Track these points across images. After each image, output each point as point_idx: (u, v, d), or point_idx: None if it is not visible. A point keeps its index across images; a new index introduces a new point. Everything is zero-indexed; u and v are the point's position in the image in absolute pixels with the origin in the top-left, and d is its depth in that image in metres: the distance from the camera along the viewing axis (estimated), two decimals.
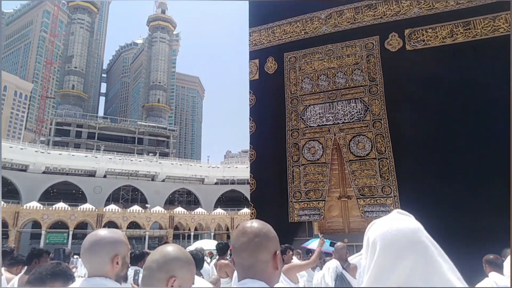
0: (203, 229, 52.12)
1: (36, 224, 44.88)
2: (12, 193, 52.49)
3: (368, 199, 7.79)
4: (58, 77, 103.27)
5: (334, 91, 8.65)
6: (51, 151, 57.82)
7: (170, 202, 62.02)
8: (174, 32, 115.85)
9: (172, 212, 50.52)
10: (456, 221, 6.14)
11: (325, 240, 5.09)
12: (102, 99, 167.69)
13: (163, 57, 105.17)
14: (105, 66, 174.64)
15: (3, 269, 4.04)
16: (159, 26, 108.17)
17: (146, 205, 54.84)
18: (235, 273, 4.43)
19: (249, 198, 9.06)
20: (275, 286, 1.25)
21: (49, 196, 53.96)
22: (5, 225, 41.86)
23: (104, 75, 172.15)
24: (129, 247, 1.76)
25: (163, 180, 63.20)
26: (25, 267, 4.30)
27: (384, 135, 7.96)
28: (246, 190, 59.58)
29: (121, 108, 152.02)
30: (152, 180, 62.93)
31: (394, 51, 8.21)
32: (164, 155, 76.43)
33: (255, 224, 1.32)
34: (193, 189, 65.00)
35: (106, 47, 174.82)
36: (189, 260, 1.43)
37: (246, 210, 50.51)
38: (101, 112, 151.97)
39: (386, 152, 7.85)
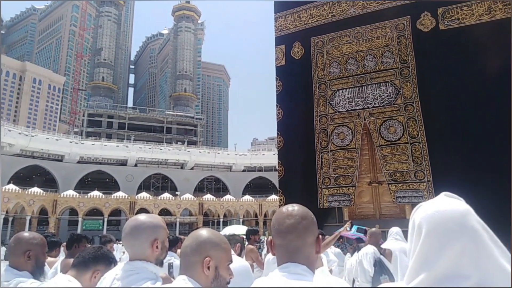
0: (232, 216, 52.88)
1: (73, 212, 46.98)
2: (50, 182, 55.04)
3: (400, 185, 7.63)
4: (89, 69, 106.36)
5: (363, 75, 8.44)
6: (84, 141, 59.93)
7: (199, 190, 63.17)
8: (199, 21, 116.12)
9: (201, 199, 51.50)
10: (493, 209, 5.92)
11: (351, 225, 5.03)
12: (131, 90, 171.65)
13: (188, 46, 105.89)
14: (132, 58, 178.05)
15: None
16: (184, 15, 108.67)
17: (176, 192, 56.12)
18: (269, 257, 4.48)
19: (276, 185, 9.08)
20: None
21: (84, 185, 56.20)
22: (44, 212, 44.08)
23: (132, 66, 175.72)
24: (168, 231, 1.81)
25: (191, 168, 64.34)
26: (61, 249, 4.53)
27: (416, 118, 7.72)
28: (273, 177, 59.75)
29: (149, 98, 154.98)
30: (181, 168, 64.18)
31: (426, 31, 7.89)
32: (192, 143, 77.59)
33: (298, 207, 1.32)
34: (221, 176, 65.84)
35: (133, 38, 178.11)
36: (221, 240, 1.45)
37: (274, 197, 50.75)
38: (130, 103, 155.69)
39: (419, 136, 7.62)
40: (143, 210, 45.97)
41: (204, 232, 1.44)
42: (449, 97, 7.38)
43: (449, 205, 1.00)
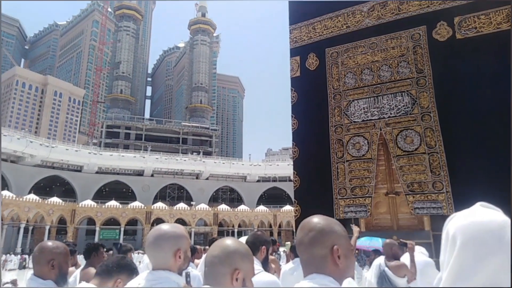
0: (246, 226, 52.71)
1: (91, 221, 47.67)
2: (69, 192, 56.09)
3: (418, 195, 7.51)
4: (107, 82, 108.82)
5: (379, 85, 8.41)
6: (102, 152, 61.04)
7: (214, 200, 63.31)
8: (214, 34, 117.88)
9: (216, 209, 51.58)
10: None
11: (358, 229, 4.94)
12: (148, 102, 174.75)
13: (204, 59, 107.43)
14: (150, 70, 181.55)
15: None
16: (200, 29, 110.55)
17: (191, 202, 56.37)
18: (285, 268, 4.46)
19: (291, 195, 9.06)
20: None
21: (101, 195, 57.05)
22: (63, 221, 44.87)
23: (149, 79, 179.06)
24: (190, 241, 1.82)
25: (207, 178, 64.63)
26: (77, 257, 4.62)
27: (434, 128, 7.62)
28: (287, 187, 59.44)
29: (166, 110, 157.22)
30: (197, 178, 64.55)
31: (442, 40, 7.83)
32: (207, 154, 78.13)
33: (315, 219, 1.31)
34: (235, 186, 65.89)
35: (151, 52, 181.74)
36: (248, 251, 1.45)
37: (288, 207, 50.43)
38: (147, 114, 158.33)
39: (437, 146, 7.52)
40: (159, 220, 46.29)
41: (231, 242, 1.43)
42: (467, 106, 7.28)
43: (485, 216, 0.94)
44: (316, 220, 1.30)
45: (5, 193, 40.43)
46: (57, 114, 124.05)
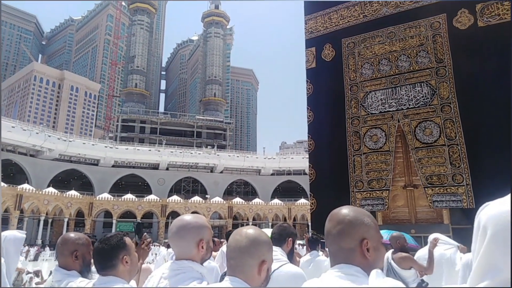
0: (261, 219, 52.89)
1: (108, 214, 48.57)
2: (86, 186, 57.20)
3: (437, 188, 7.36)
4: (122, 76, 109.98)
5: (397, 76, 8.24)
6: (118, 146, 61.89)
7: (229, 193, 63.66)
8: (228, 26, 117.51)
9: (230, 202, 51.87)
10: None
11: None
12: (162, 96, 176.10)
13: (218, 52, 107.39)
14: (164, 64, 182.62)
15: None
16: (213, 21, 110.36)
17: (206, 195, 56.82)
18: (303, 260, 4.45)
19: (305, 188, 8.99)
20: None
21: (118, 188, 57.97)
22: (81, 214, 45.86)
23: (163, 73, 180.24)
24: (212, 232, 1.81)
25: (221, 172, 64.96)
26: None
27: (454, 120, 7.44)
28: (302, 181, 59.27)
29: (180, 103, 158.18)
30: (211, 171, 64.94)
31: (463, 28, 7.61)
32: (221, 147, 78.46)
33: (344, 210, 1.27)
34: (250, 180, 66.07)
35: (164, 45, 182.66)
36: (271, 241, 1.45)
37: (303, 201, 50.35)
38: (161, 108, 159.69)
39: (457, 138, 7.34)
40: (174, 213, 46.84)
41: (257, 232, 1.41)
42: (488, 96, 7.07)
43: None
44: (345, 211, 1.27)
45: (26, 186, 41.46)
46: (73, 109, 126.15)
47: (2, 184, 38.94)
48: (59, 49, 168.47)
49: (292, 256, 2.53)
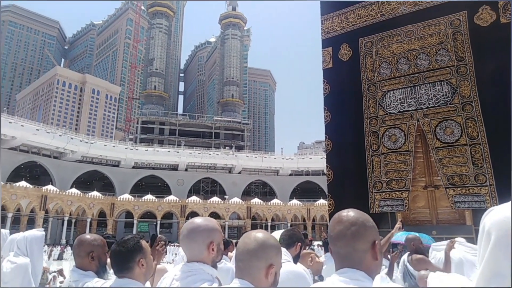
0: (280, 220, 52.79)
1: (129, 214, 49.48)
2: (107, 187, 58.43)
3: (459, 189, 7.19)
4: (142, 79, 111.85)
5: (416, 74, 8.08)
6: (138, 147, 62.99)
7: (247, 193, 63.83)
8: (245, 28, 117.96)
9: (249, 203, 51.99)
10: None
11: (403, 224, 4.82)
12: (181, 97, 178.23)
13: (235, 53, 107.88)
14: (182, 66, 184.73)
15: None
16: (231, 23, 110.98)
17: (225, 196, 57.13)
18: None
19: (325, 189, 8.93)
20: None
21: (138, 189, 58.99)
22: (103, 214, 46.88)
23: (181, 75, 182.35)
24: (223, 234, 1.84)
25: (239, 172, 65.20)
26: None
27: (476, 118, 7.25)
28: (321, 181, 58.88)
29: (198, 105, 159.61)
30: (229, 172, 65.27)
31: (485, 25, 7.40)
32: (239, 148, 78.75)
33: (352, 213, 1.28)
34: (268, 180, 66.06)
35: (183, 48, 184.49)
36: (279, 245, 1.46)
37: (322, 201, 50.01)
38: (180, 110, 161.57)
39: (479, 137, 7.15)
40: (193, 214, 47.30)
41: (266, 236, 1.43)
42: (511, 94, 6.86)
43: None
44: (356, 214, 1.28)
45: (50, 187, 42.68)
46: (95, 111, 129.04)
47: (28, 185, 40.18)
48: (81, 53, 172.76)
49: (297, 260, 2.55)
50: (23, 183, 39.96)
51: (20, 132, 47.80)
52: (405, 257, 4.56)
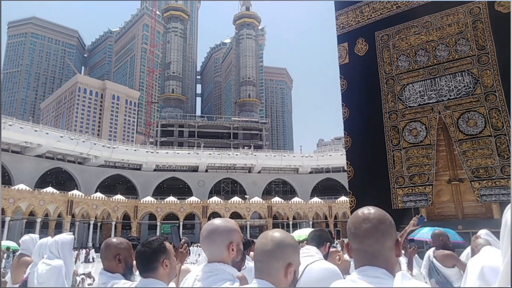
0: (301, 218, 52.56)
1: (152, 216, 50.26)
2: (130, 190, 59.52)
3: (484, 182, 7.00)
4: (160, 83, 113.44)
5: (435, 66, 7.91)
6: (159, 150, 63.89)
7: (267, 193, 63.81)
8: (259, 27, 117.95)
9: (270, 202, 51.94)
10: None
11: (418, 219, 4.71)
12: (198, 99, 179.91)
13: (250, 53, 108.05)
14: (198, 68, 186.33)
15: None
16: (245, 23, 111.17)
17: (245, 196, 57.28)
18: None
19: (346, 186, 8.85)
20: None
21: (160, 191, 59.84)
22: (127, 217, 47.76)
23: (198, 77, 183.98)
24: (242, 235, 1.86)
25: (259, 172, 65.27)
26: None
27: (500, 109, 7.03)
28: (342, 178, 58.27)
29: (216, 106, 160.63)
30: (249, 172, 65.42)
31: (506, 12, 7.17)
32: (258, 147, 78.81)
33: (375, 210, 1.28)
34: (288, 179, 65.87)
35: (198, 50, 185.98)
36: (297, 244, 1.47)
37: (343, 198, 49.48)
38: (198, 112, 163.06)
39: (504, 127, 6.93)
40: (215, 214, 47.63)
41: (283, 235, 1.43)
42: None
43: None
44: (381, 211, 1.28)
45: (75, 192, 43.82)
46: (116, 116, 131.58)
47: (55, 191, 41.38)
48: (100, 61, 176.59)
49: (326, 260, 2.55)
50: (50, 189, 41.18)
51: (45, 140, 49.31)
52: (430, 252, 4.46)
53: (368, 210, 1.28)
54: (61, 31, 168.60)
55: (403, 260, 4.45)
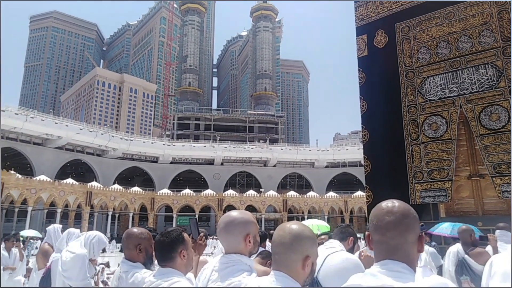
0: (316, 212, 52.43)
1: (168, 208, 50.99)
2: (147, 182, 60.45)
3: (506, 178, 6.80)
4: (176, 76, 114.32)
5: (457, 58, 7.69)
6: (175, 143, 64.58)
7: (283, 186, 63.83)
8: (277, 19, 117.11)
9: (285, 195, 51.97)
10: None
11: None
12: (214, 92, 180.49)
13: (267, 45, 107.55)
14: (215, 61, 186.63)
15: None
16: (262, 15, 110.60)
17: (260, 189, 57.43)
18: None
19: (362, 181, 8.75)
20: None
21: (176, 183, 60.58)
22: (144, 209, 48.59)
23: (214, 70, 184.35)
24: (258, 226, 1.86)
25: (274, 165, 65.27)
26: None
27: None
28: (358, 173, 57.75)
29: (232, 99, 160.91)
30: (264, 165, 65.49)
31: None
32: (273, 141, 78.75)
33: (399, 203, 1.26)
34: (303, 173, 65.67)
35: (215, 43, 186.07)
36: (314, 236, 1.47)
37: (360, 193, 49.09)
38: (214, 105, 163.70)
39: None
40: (230, 207, 47.98)
41: (301, 228, 1.43)
42: None
43: None
44: (406, 205, 1.27)
45: (94, 183, 44.78)
46: (133, 109, 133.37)
47: (74, 182, 42.37)
48: (118, 54, 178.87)
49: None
50: (69, 180, 42.19)
51: (65, 132, 50.46)
52: (459, 249, 4.33)
53: (392, 203, 1.26)
54: (81, 24, 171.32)
55: (423, 255, 4.37)
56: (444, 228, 5.57)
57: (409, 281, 1.12)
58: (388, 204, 1.27)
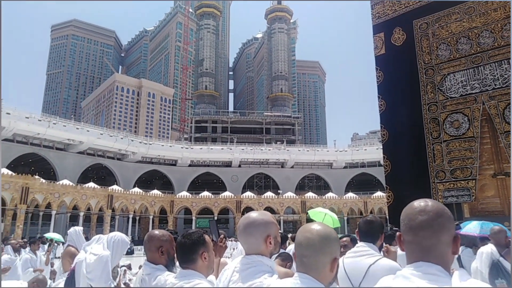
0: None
1: (187, 211, 51.42)
2: (166, 185, 61.13)
3: None
4: (193, 80, 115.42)
5: (479, 54, 7.50)
6: (193, 146, 65.12)
7: (301, 188, 63.45)
8: (291, 20, 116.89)
9: (303, 197, 51.63)
10: None
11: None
12: (231, 95, 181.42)
13: (282, 47, 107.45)
14: (231, 64, 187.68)
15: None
16: (277, 17, 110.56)
17: (278, 191, 57.25)
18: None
19: (382, 181, 8.60)
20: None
21: (195, 186, 61.03)
22: (163, 212, 49.15)
23: (230, 73, 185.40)
24: (279, 227, 1.85)
25: (292, 167, 64.98)
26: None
27: None
28: (377, 173, 56.90)
29: (248, 101, 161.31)
30: (282, 167, 65.28)
31: None
32: (290, 142, 78.42)
33: (432, 203, 1.22)
34: (321, 174, 65.13)
35: (231, 46, 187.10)
36: (338, 236, 1.45)
37: (379, 193, 48.34)
38: (231, 107, 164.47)
39: None
40: (248, 209, 47.98)
41: (328, 229, 1.42)
42: None
43: None
44: (440, 205, 1.22)
45: (115, 187, 45.59)
46: (151, 114, 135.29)
47: (96, 186, 43.26)
48: (136, 59, 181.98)
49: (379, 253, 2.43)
50: (91, 184, 43.08)
51: (86, 137, 51.63)
52: (493, 250, 4.15)
53: (425, 202, 1.22)
54: (99, 32, 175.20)
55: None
56: (473, 228, 5.38)
57: (446, 285, 1.06)
58: (421, 203, 1.23)
